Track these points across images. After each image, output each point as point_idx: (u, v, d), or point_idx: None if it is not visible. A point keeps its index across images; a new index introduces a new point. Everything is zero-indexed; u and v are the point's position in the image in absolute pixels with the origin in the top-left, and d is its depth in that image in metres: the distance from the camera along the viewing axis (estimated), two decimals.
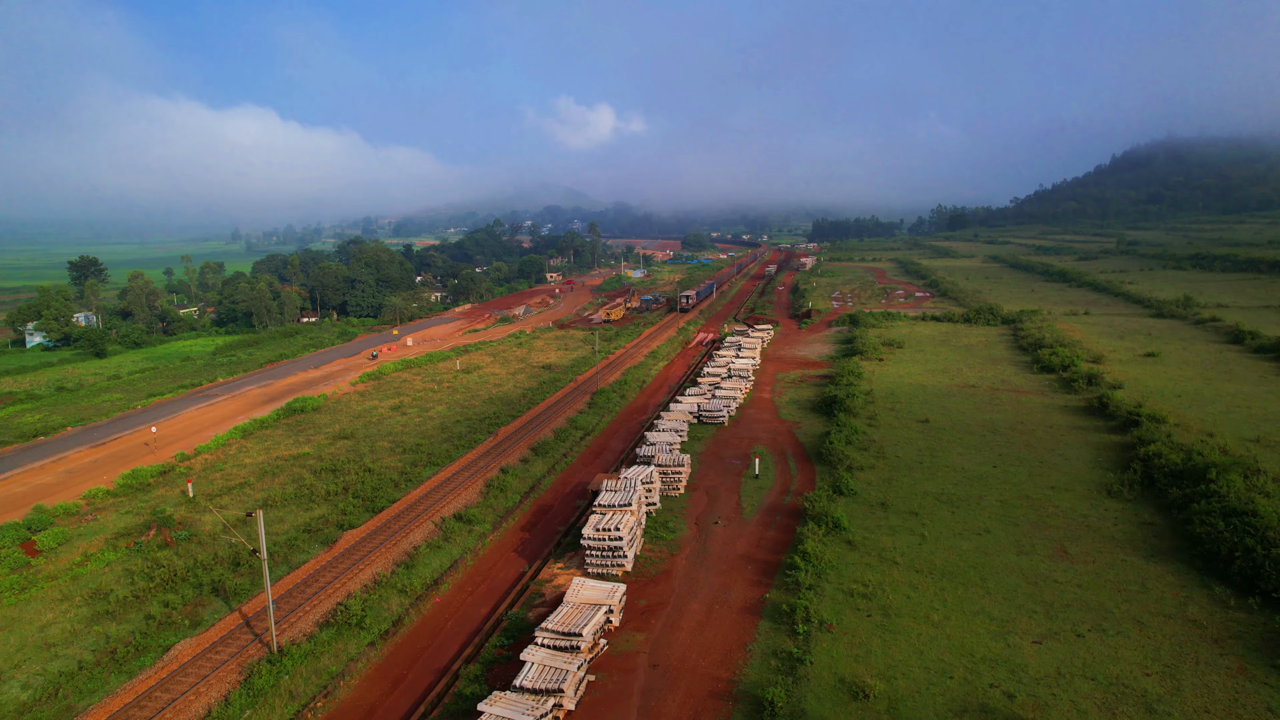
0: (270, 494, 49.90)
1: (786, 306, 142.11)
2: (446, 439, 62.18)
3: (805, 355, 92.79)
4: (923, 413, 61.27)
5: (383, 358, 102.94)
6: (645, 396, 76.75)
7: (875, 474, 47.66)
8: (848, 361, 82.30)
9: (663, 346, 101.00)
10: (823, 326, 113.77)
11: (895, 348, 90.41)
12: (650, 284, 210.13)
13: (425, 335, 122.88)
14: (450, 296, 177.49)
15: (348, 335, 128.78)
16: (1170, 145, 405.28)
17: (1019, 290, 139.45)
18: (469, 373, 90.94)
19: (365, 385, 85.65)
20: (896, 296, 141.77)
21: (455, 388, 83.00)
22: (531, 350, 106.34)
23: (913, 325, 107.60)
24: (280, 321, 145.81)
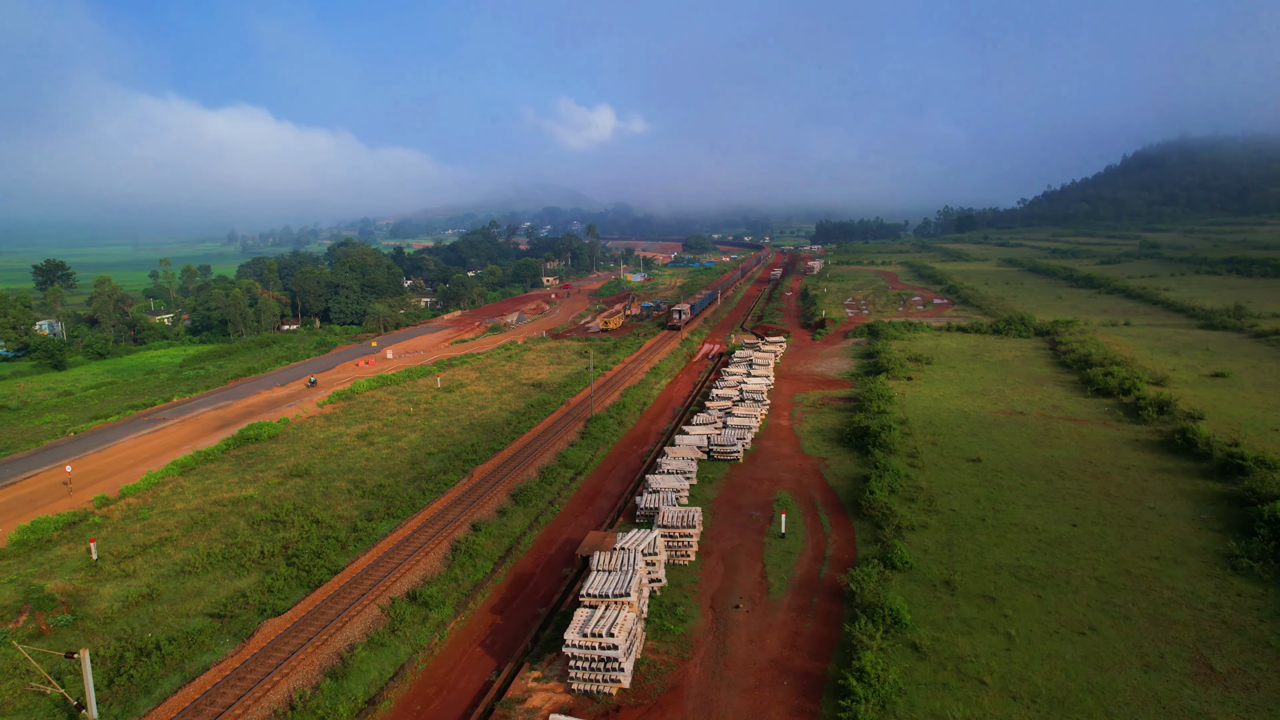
0: (193, 555, 41.06)
1: (797, 314, 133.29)
2: (415, 478, 53.36)
3: (824, 372, 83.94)
4: (971, 448, 52.42)
5: (358, 373, 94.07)
6: (646, 423, 67.86)
7: (929, 536, 38.78)
8: (873, 381, 73.57)
9: (665, 361, 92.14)
10: (838, 337, 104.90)
11: (923, 364, 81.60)
12: (651, 289, 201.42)
13: (408, 346, 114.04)
14: (440, 302, 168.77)
15: (326, 346, 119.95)
16: (1183, 145, 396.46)
17: (1044, 297, 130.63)
18: (450, 391, 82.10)
19: (333, 407, 76.81)
20: (914, 304, 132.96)
21: (433, 410, 74.16)
22: (522, 364, 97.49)
23: (938, 337, 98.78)
24: (257, 330, 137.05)
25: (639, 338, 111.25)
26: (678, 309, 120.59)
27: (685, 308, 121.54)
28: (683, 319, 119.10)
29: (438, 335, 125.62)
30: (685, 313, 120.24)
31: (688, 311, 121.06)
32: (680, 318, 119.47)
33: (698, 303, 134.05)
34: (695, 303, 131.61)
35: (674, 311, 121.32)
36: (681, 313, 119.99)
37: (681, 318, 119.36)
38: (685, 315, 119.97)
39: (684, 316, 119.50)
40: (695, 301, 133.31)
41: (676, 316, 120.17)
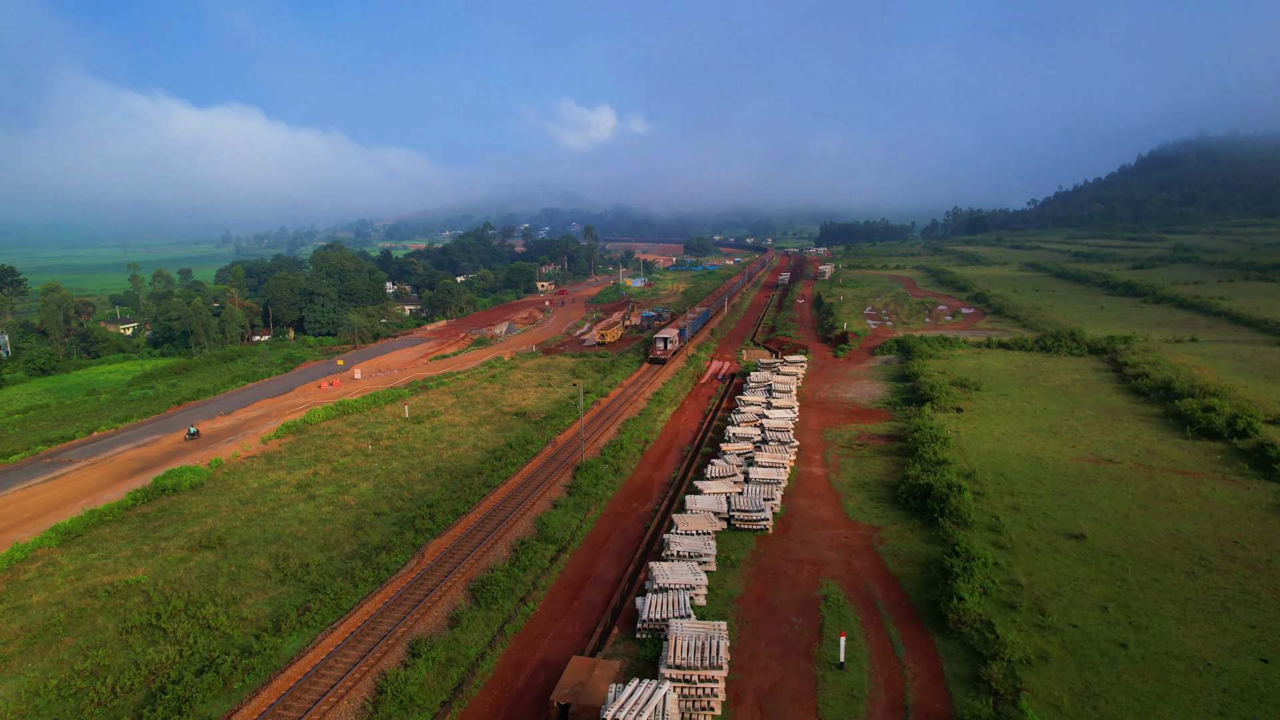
0: (18, 694, 29.48)
1: (812, 325, 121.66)
2: (353, 553, 41.80)
3: (854, 399, 72.33)
4: (1065, 516, 40.87)
5: (318, 397, 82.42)
6: (648, 468, 56.16)
7: (1055, 676, 27.18)
8: (917, 413, 62.16)
9: (669, 384, 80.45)
10: (864, 354, 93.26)
11: (970, 390, 70.01)
12: (652, 295, 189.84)
13: (380, 363, 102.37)
14: (426, 310, 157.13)
15: (293, 361, 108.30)
16: (1201, 144, 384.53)
17: (1085, 307, 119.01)
18: (419, 423, 70.47)
19: (280, 443, 65.19)
20: (940, 313, 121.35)
21: (396, 448, 62.56)
22: (506, 386, 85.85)
23: (978, 355, 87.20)
24: (221, 342, 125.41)
25: (639, 355, 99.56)
26: (662, 336, 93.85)
27: (672, 333, 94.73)
28: (669, 349, 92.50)
29: (417, 350, 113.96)
30: (672, 340, 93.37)
31: (675, 339, 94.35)
32: (665, 347, 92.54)
33: (690, 324, 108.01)
34: (685, 326, 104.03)
35: (658, 340, 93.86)
36: (667, 341, 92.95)
37: (667, 347, 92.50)
38: (672, 344, 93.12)
39: (670, 345, 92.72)
40: (687, 323, 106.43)
41: (661, 346, 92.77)
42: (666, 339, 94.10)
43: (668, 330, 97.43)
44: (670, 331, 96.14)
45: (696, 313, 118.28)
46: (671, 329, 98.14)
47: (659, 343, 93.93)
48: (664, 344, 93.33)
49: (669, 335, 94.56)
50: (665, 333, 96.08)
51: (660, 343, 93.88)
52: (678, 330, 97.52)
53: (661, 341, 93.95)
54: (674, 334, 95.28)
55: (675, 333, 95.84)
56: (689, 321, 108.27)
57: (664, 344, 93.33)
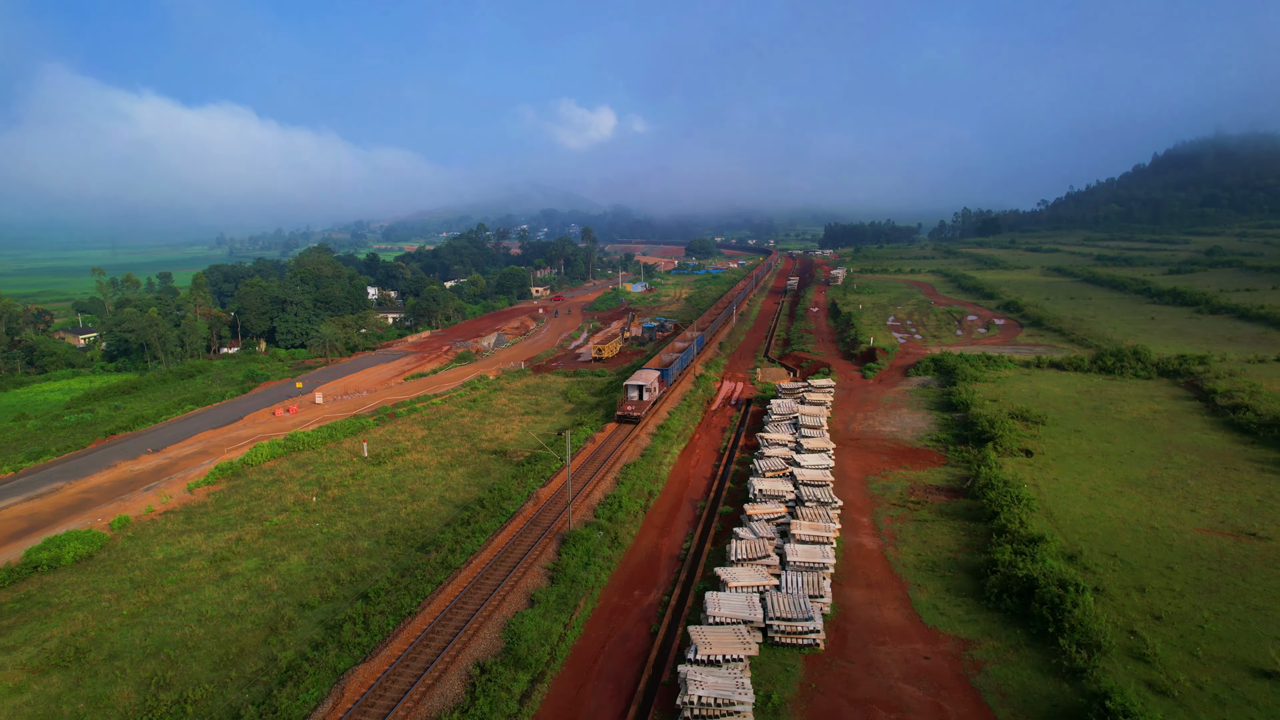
0: None
1: (831, 337, 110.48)
2: (250, 682, 30.71)
3: (895, 433, 61.17)
4: (1234, 632, 29.75)
5: (270, 427, 71.22)
6: (653, 535, 44.95)
7: None
8: (978, 457, 51.38)
9: (675, 414, 69.21)
10: (896, 374, 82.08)
11: (1033, 424, 58.85)
12: (653, 301, 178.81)
13: (349, 384, 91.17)
14: (410, 319, 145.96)
15: (254, 379, 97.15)
16: (1219, 143, 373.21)
17: (1133, 318, 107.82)
18: (380, 463, 59.30)
19: (208, 492, 54.06)
20: (971, 325, 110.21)
21: (346, 501, 51.44)
22: (487, 413, 74.71)
23: (1028, 376, 76.07)
24: (182, 357, 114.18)
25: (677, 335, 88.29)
26: (636, 383, 67.46)
27: (650, 378, 68.85)
28: (645, 400, 66.28)
29: (393, 366, 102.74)
30: (650, 387, 67.81)
31: (654, 384, 69.04)
32: (641, 397, 66.47)
33: (679, 358, 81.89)
34: (673, 361, 79.51)
35: (630, 389, 67.44)
36: (643, 389, 67.01)
37: (643, 397, 66.51)
38: (650, 391, 67.69)
39: (648, 394, 67.18)
40: (674, 357, 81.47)
41: (635, 397, 66.60)
42: (642, 386, 66.97)
43: (643, 374, 69.97)
44: (647, 375, 69.54)
45: (689, 338, 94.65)
46: (648, 371, 71.58)
47: (631, 392, 67.05)
48: (638, 393, 66.76)
49: (645, 381, 67.59)
50: (640, 377, 68.82)
51: (633, 392, 66.99)
52: (657, 373, 71.70)
53: (635, 391, 66.95)
54: (651, 378, 68.93)
55: (654, 376, 69.64)
56: (675, 357, 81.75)
57: (638, 393, 66.76)
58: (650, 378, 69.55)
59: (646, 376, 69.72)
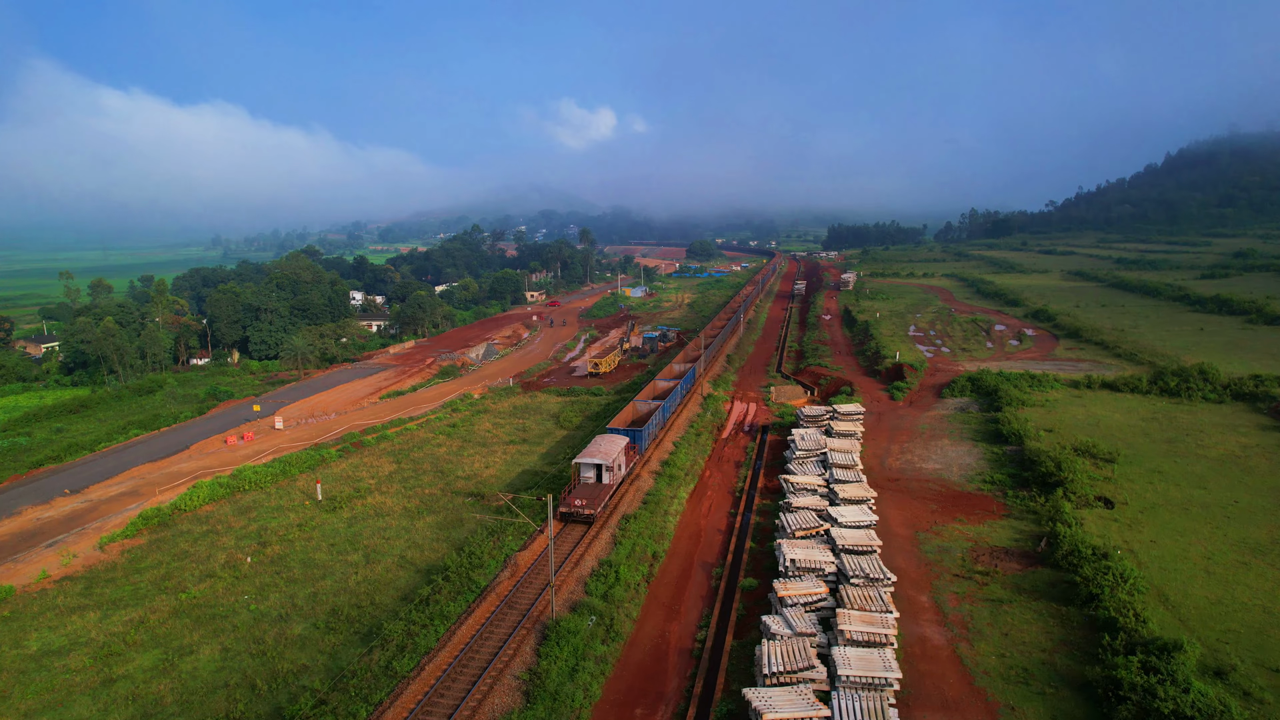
0: None
1: (848, 348, 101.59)
2: None
3: (940, 471, 52.32)
4: None
5: (217, 459, 62.21)
6: (659, 614, 36.04)
7: None
8: (1049, 508, 42.80)
9: (682, 445, 60.25)
10: (928, 395, 73.19)
11: (1104, 462, 50.05)
12: (654, 307, 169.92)
13: (317, 404, 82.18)
14: (396, 327, 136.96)
15: (216, 398, 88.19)
16: (1234, 142, 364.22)
17: (1177, 328, 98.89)
18: (336, 509, 50.35)
19: (125, 548, 45.15)
20: (1001, 336, 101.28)
21: (287, 562, 42.53)
22: (467, 442, 65.77)
23: (1080, 399, 67.22)
24: (142, 370, 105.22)
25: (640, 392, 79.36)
26: (593, 461, 46.46)
27: (614, 448, 47.92)
28: (609, 481, 46.48)
29: (369, 382, 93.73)
30: (612, 464, 46.60)
31: (619, 456, 47.79)
32: (600, 479, 46.63)
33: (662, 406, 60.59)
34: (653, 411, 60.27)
35: (584, 468, 46.90)
36: (603, 468, 46.51)
37: (604, 479, 46.51)
38: (612, 471, 46.74)
39: (609, 475, 46.62)
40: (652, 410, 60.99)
41: (591, 478, 46.79)
42: (600, 465, 46.10)
43: (605, 443, 48.35)
44: (610, 445, 48.13)
45: (679, 369, 77.72)
46: (611, 442, 48.74)
47: (585, 473, 46.50)
48: (595, 474, 46.37)
49: (604, 458, 46.04)
50: (599, 448, 47.39)
51: (587, 473, 46.35)
52: (625, 439, 49.95)
53: (590, 471, 46.41)
54: (615, 450, 47.35)
55: (618, 448, 47.85)
56: (654, 406, 61.24)
57: (595, 474, 46.37)
58: (613, 450, 47.51)
59: (607, 449, 47.62)
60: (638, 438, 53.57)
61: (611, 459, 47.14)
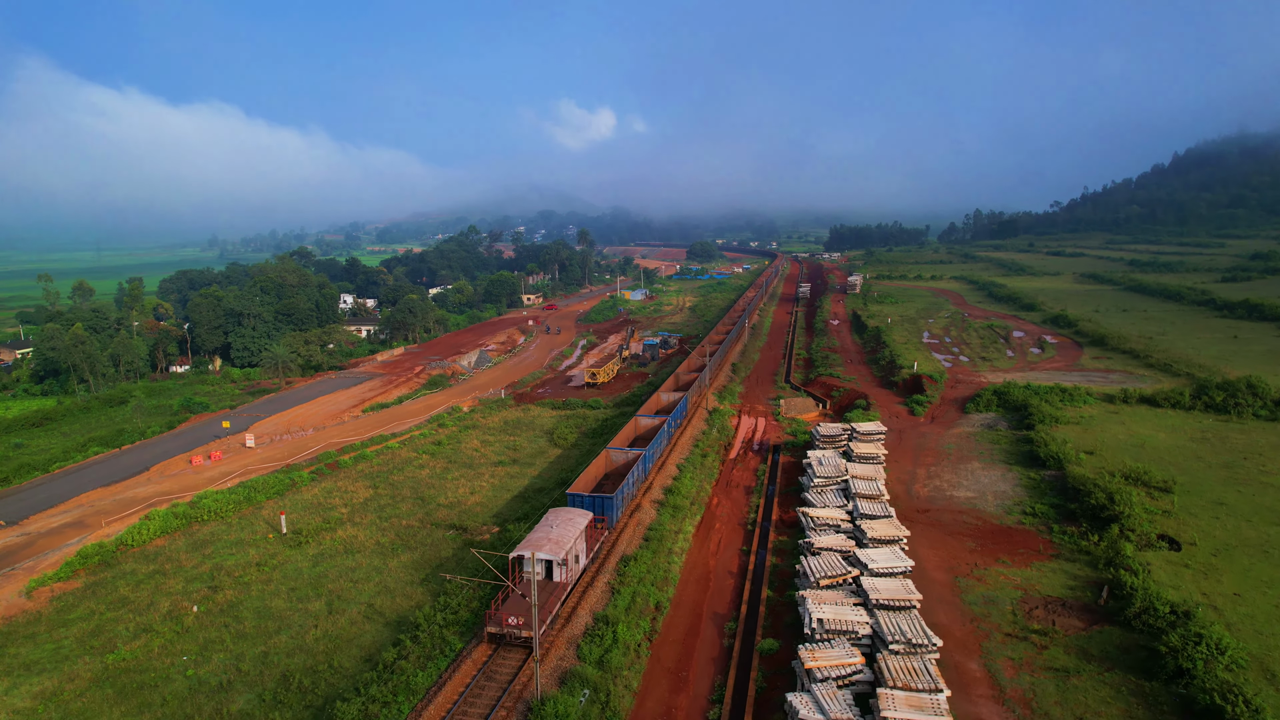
0: None
1: (860, 356, 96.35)
2: None
3: (973, 500, 47.11)
4: None
5: (177, 482, 56.87)
6: (664, 686, 30.74)
7: None
8: (1105, 549, 37.77)
9: (687, 468, 54.96)
10: (950, 410, 67.89)
11: (1159, 492, 44.77)
12: (654, 310, 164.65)
13: (294, 418, 76.85)
14: (386, 332, 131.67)
15: (190, 410, 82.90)
16: (1243, 141, 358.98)
17: (1208, 335, 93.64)
18: (301, 544, 45.04)
19: (55, 594, 39.90)
20: (1021, 343, 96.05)
21: (237, 612, 37.28)
22: (452, 463, 60.45)
23: (1117, 415, 61.94)
24: (115, 379, 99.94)
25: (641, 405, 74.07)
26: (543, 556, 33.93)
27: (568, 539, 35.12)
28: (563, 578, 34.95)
29: (352, 393, 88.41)
30: (568, 557, 34.82)
31: (574, 549, 35.83)
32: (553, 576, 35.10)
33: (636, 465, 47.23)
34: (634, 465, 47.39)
35: (525, 560, 34.43)
36: (554, 564, 34.88)
37: (557, 575, 35.00)
38: (570, 564, 35.34)
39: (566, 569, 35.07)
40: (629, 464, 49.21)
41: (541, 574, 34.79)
42: (551, 561, 34.90)
43: (559, 524, 36.59)
44: (564, 527, 36.33)
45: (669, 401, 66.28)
46: (567, 522, 36.81)
47: (525, 569, 34.66)
48: (545, 570, 35.20)
49: (558, 548, 34.30)
50: (549, 535, 35.47)
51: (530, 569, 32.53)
52: (580, 527, 36.68)
53: (539, 566, 34.78)
54: (573, 533, 35.88)
55: (576, 529, 36.30)
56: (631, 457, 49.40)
57: (545, 570, 35.20)
58: (568, 534, 35.40)
59: (560, 533, 35.33)
60: (607, 508, 41.78)
61: (565, 549, 34.39)
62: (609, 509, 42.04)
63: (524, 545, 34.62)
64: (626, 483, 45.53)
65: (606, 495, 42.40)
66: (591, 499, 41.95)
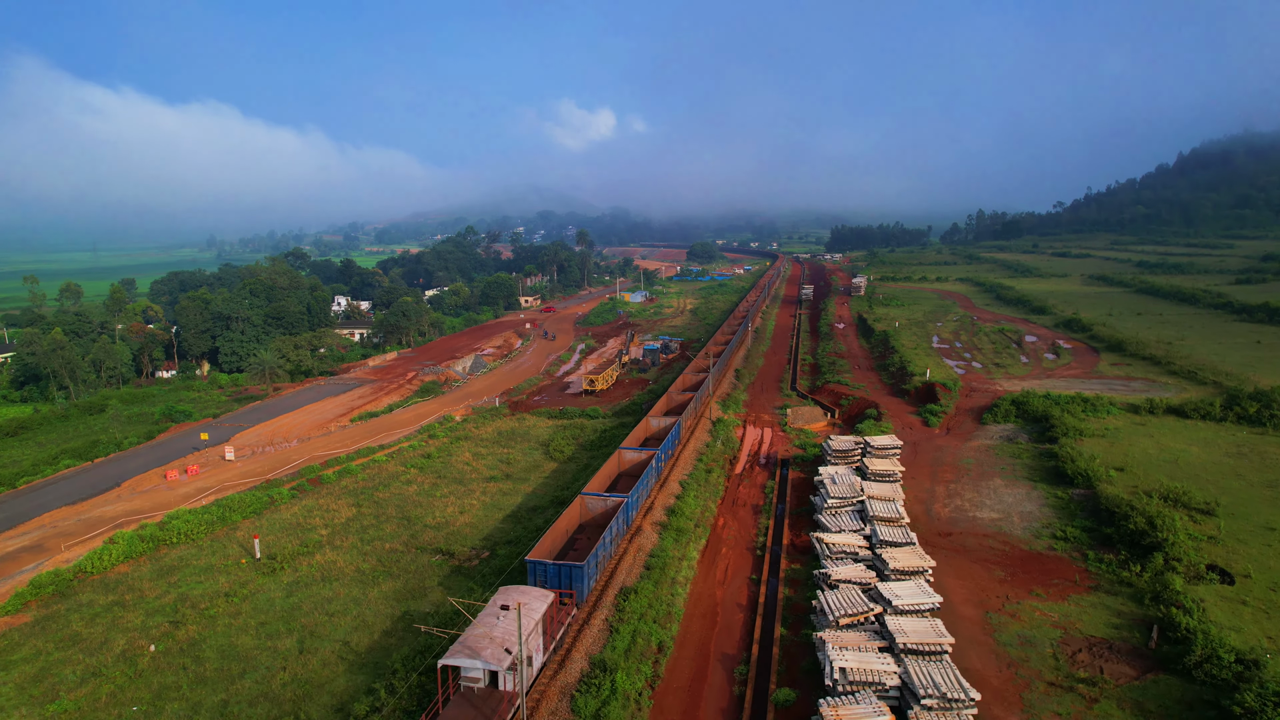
0: None
1: (868, 362, 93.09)
2: None
3: (998, 522, 43.89)
4: None
5: (148, 500, 53.52)
6: None
7: None
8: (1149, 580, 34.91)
9: (690, 484, 51.61)
10: (967, 420, 64.58)
11: (1200, 514, 41.48)
12: (654, 313, 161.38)
13: (279, 428, 73.50)
14: (380, 335, 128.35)
15: (171, 419, 79.57)
16: (1248, 140, 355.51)
17: (1229, 340, 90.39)
18: (275, 571, 41.76)
19: (5, 629, 36.56)
20: (1034, 348, 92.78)
21: (199, 652, 34.10)
22: (442, 478, 57.16)
23: (1144, 427, 58.65)
24: (97, 385, 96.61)
25: (641, 415, 70.83)
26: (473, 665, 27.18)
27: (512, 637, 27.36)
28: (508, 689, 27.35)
29: (341, 401, 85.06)
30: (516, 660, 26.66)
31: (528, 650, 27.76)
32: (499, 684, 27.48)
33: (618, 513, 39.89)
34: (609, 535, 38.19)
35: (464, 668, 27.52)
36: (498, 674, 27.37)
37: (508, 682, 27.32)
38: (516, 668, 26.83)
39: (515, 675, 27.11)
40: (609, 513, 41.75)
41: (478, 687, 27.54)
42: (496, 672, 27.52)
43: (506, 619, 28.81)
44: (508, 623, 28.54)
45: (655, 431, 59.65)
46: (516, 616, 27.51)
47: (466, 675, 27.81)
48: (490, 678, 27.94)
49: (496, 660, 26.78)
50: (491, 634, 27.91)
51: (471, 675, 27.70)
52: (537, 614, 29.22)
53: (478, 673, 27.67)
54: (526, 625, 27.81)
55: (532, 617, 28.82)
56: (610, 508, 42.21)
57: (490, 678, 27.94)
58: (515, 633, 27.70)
59: (504, 631, 28.23)
60: (575, 579, 33.74)
61: (513, 653, 26.81)
62: (577, 580, 33.98)
63: (458, 648, 27.27)
64: (603, 541, 36.87)
65: (575, 564, 33.99)
66: (556, 568, 33.94)
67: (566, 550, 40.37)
